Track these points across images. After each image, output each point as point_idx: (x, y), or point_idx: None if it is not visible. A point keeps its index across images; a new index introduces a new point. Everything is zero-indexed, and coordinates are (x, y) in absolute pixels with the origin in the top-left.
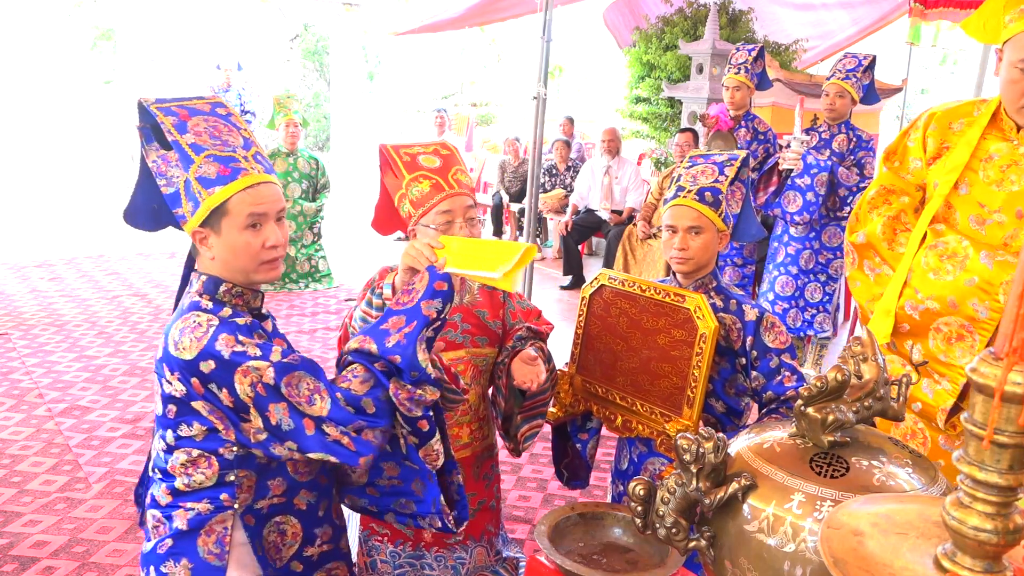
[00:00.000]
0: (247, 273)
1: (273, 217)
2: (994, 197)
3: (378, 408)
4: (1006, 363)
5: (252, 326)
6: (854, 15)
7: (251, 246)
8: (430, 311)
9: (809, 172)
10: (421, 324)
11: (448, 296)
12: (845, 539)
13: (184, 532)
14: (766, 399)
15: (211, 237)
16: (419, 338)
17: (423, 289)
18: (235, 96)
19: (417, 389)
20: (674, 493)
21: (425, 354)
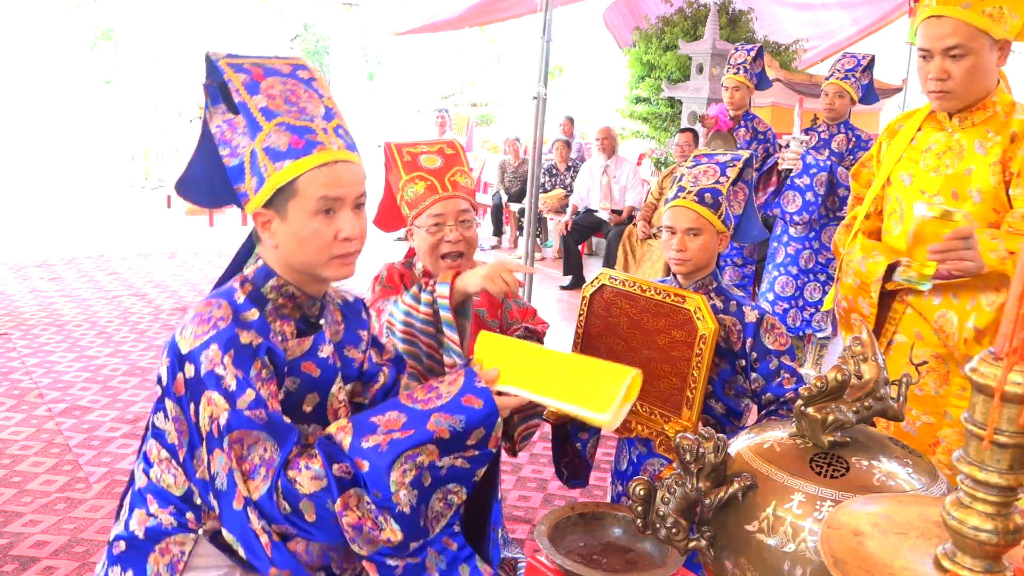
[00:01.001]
0: (313, 268)
1: (351, 203)
2: (932, 182)
3: (320, 519)
4: (1006, 363)
5: (258, 350)
6: (854, 15)
7: (321, 236)
8: (440, 429)
9: (808, 172)
10: (418, 439)
11: (480, 420)
12: (845, 539)
13: (139, 541)
14: (765, 400)
15: (275, 221)
16: (405, 455)
17: (448, 394)
18: None
19: (376, 516)
20: (674, 493)
21: (405, 484)
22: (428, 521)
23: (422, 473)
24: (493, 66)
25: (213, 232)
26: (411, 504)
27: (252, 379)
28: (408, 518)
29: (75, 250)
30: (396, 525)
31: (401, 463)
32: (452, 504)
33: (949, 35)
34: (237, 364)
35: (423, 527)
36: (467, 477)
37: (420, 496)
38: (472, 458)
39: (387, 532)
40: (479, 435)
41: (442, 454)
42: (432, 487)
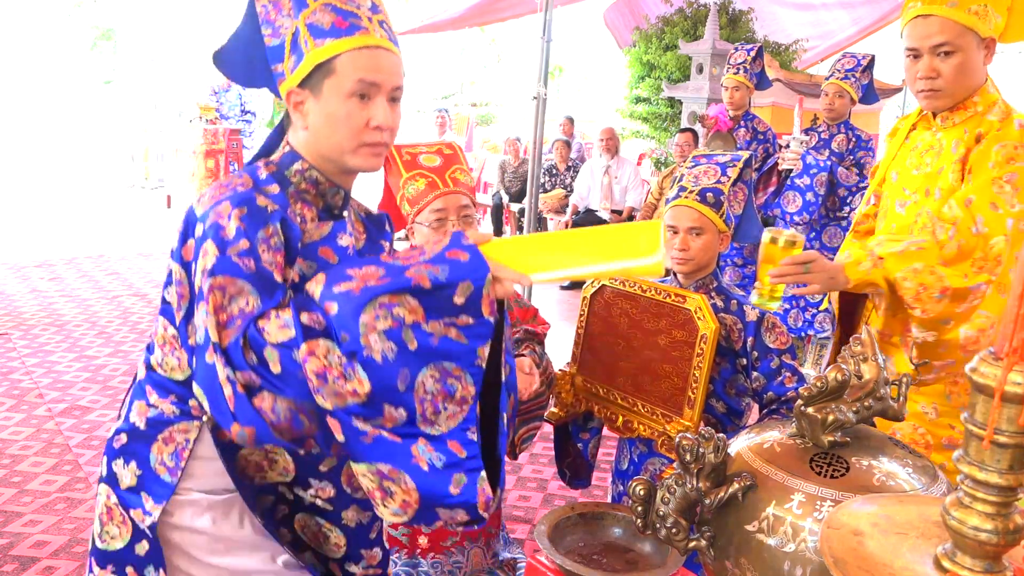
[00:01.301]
0: (342, 153)
1: (387, 93)
2: (913, 180)
3: (285, 370)
4: (1006, 363)
5: (271, 216)
6: (854, 15)
7: (353, 119)
8: (419, 276)
9: (808, 172)
10: (394, 285)
11: (466, 272)
12: (845, 539)
13: (140, 432)
14: (767, 399)
15: (308, 101)
16: (379, 301)
17: (432, 251)
18: (235, 96)
19: (344, 367)
20: (674, 493)
21: (377, 331)
22: (420, 401)
23: (402, 329)
24: (493, 66)
25: None
26: (384, 355)
27: (255, 237)
28: (379, 369)
29: (75, 250)
30: (363, 374)
31: (374, 308)
32: (454, 393)
33: (937, 33)
34: (244, 219)
35: (403, 394)
36: (467, 357)
37: (400, 355)
38: (467, 328)
39: (353, 383)
40: (467, 291)
41: (428, 315)
42: (421, 356)
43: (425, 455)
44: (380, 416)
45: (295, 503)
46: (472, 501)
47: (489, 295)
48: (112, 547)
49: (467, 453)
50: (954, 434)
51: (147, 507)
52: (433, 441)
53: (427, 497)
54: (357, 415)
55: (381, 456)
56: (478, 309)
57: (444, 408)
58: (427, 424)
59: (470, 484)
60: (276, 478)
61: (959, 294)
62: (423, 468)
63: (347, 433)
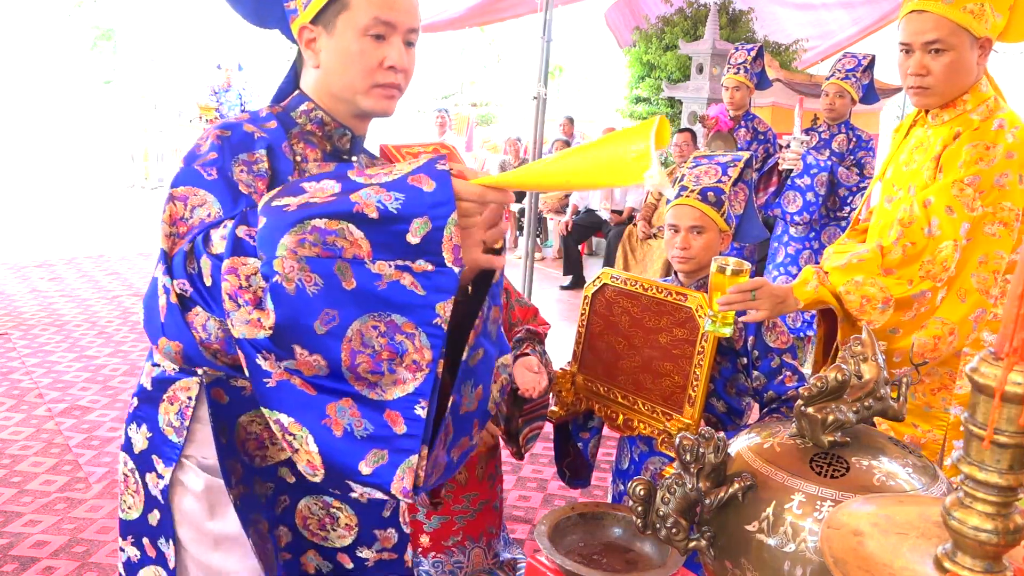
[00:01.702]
0: (355, 93)
1: (403, 34)
2: (903, 177)
3: (214, 283)
4: (1006, 363)
5: (256, 142)
6: (854, 15)
7: (367, 57)
8: (365, 203)
9: (809, 172)
10: (333, 208)
11: (423, 206)
12: (845, 539)
13: (148, 393)
14: (767, 399)
15: (321, 38)
16: (312, 224)
17: (399, 172)
18: (236, 96)
19: (259, 290)
20: (674, 493)
21: (298, 257)
22: (352, 352)
23: (334, 262)
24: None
25: None
26: (300, 287)
27: (229, 154)
28: (289, 301)
29: (75, 250)
30: (271, 303)
31: (303, 231)
32: (402, 353)
33: (930, 30)
34: (223, 139)
35: (322, 339)
36: (421, 312)
37: (326, 292)
38: (425, 277)
39: (260, 313)
40: (422, 229)
41: (376, 252)
42: (359, 300)
43: (344, 419)
44: (290, 359)
45: (297, 487)
46: (386, 485)
47: (452, 239)
48: (129, 517)
49: (406, 430)
50: (917, 433)
51: (159, 469)
52: (364, 405)
53: (331, 466)
54: (263, 351)
55: (283, 405)
56: (438, 254)
57: (390, 370)
58: (362, 384)
59: (388, 466)
60: (278, 455)
61: (902, 303)
62: (334, 433)
63: (251, 370)
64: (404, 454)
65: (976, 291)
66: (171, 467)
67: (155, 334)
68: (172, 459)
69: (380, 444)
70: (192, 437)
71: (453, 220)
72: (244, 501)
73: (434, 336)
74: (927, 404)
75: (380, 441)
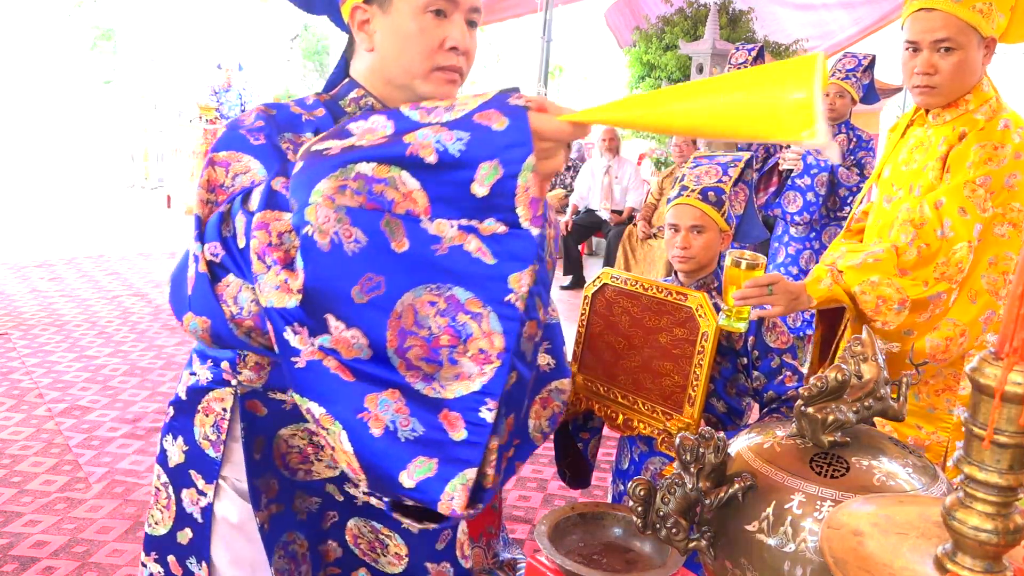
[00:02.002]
0: (412, 77)
1: (465, 11)
2: (901, 176)
3: (247, 244)
4: (1006, 363)
5: (304, 125)
6: (854, 15)
7: (427, 36)
8: (421, 144)
9: (809, 172)
10: (382, 153)
11: (494, 148)
12: (845, 539)
13: (183, 404)
14: (767, 399)
15: (376, 18)
16: (356, 171)
17: (463, 108)
18: (236, 96)
19: (291, 248)
20: (674, 493)
21: (335, 205)
22: (402, 333)
23: (381, 216)
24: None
25: None
26: (336, 242)
27: (275, 130)
28: (321, 257)
29: (75, 250)
30: (300, 260)
31: (344, 176)
32: (466, 338)
33: (939, 28)
34: (268, 116)
35: (362, 309)
36: (491, 286)
37: (369, 253)
38: (492, 239)
39: (290, 274)
40: (490, 176)
41: (435, 207)
42: (412, 266)
43: (387, 414)
44: (324, 333)
45: (346, 505)
46: (431, 503)
47: (528, 189)
48: (155, 533)
49: (466, 436)
50: (920, 435)
51: (200, 486)
52: (414, 401)
53: (370, 471)
54: (293, 323)
55: (313, 391)
56: (511, 210)
57: (450, 359)
58: (414, 374)
59: (436, 479)
60: (324, 472)
61: (918, 304)
62: (372, 430)
63: (280, 347)
64: (459, 466)
65: (986, 292)
66: (212, 483)
67: (180, 308)
68: (213, 476)
69: (429, 451)
70: (229, 457)
71: (530, 165)
72: (275, 522)
73: (507, 318)
74: (931, 405)
75: (429, 447)
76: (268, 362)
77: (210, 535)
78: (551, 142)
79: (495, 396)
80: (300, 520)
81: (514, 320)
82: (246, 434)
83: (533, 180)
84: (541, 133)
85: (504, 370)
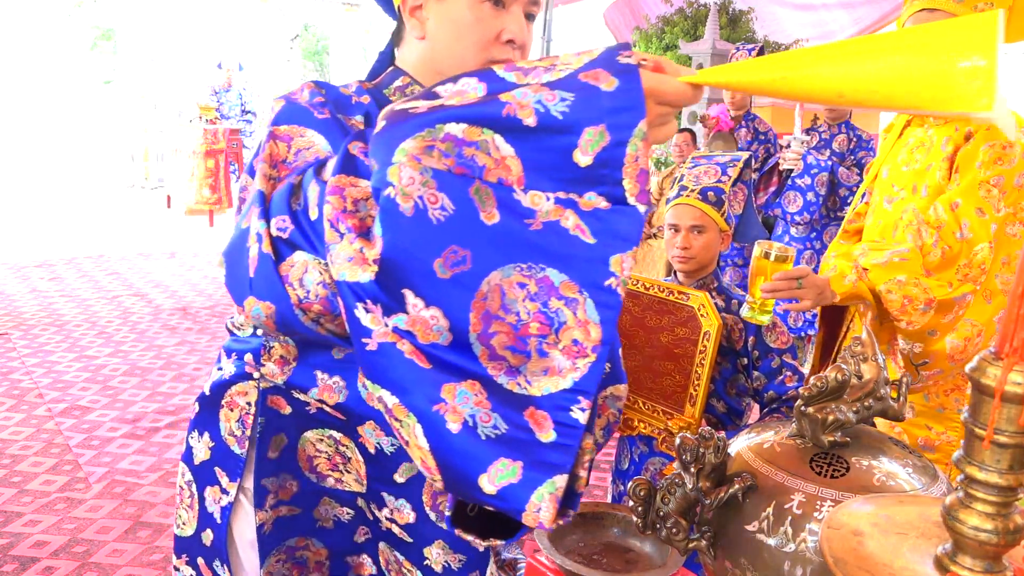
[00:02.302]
0: (463, 69)
1: (524, 4)
2: (902, 176)
3: (320, 215)
4: (1006, 363)
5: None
6: (854, 15)
7: (484, 27)
8: (519, 104)
9: (809, 172)
10: (473, 113)
11: (601, 110)
12: (845, 539)
13: (208, 399)
14: (768, 398)
15: (429, 5)
16: (446, 132)
17: (567, 67)
18: (236, 96)
19: (368, 213)
20: (674, 493)
21: (421, 167)
22: (486, 318)
23: (471, 183)
24: None
25: (213, 232)
26: (421, 208)
27: (321, 109)
28: (403, 223)
29: (75, 250)
30: (379, 227)
31: (432, 136)
32: (558, 326)
33: None
34: (321, 95)
35: (445, 284)
36: (590, 268)
37: (456, 223)
38: (593, 216)
39: (365, 243)
40: (595, 143)
41: (528, 176)
42: (503, 242)
43: (466, 407)
44: (400, 311)
45: (375, 525)
46: (516, 512)
47: (638, 159)
48: (184, 534)
49: (555, 438)
50: (930, 435)
51: (223, 484)
52: (496, 395)
53: (448, 471)
54: (366, 299)
55: (385, 378)
56: (616, 183)
57: (539, 351)
58: (497, 365)
59: (522, 486)
60: (353, 485)
61: (944, 305)
62: (449, 425)
63: (351, 327)
64: (547, 471)
65: (1000, 292)
66: (236, 481)
67: (241, 293)
68: (237, 473)
69: (513, 452)
70: (251, 465)
71: (640, 132)
72: (281, 525)
73: (606, 305)
74: (940, 405)
75: (513, 448)
76: (293, 356)
77: (227, 536)
78: (666, 107)
79: (589, 394)
80: (322, 527)
81: (613, 308)
82: (264, 430)
83: (643, 149)
84: (659, 94)
85: (599, 365)
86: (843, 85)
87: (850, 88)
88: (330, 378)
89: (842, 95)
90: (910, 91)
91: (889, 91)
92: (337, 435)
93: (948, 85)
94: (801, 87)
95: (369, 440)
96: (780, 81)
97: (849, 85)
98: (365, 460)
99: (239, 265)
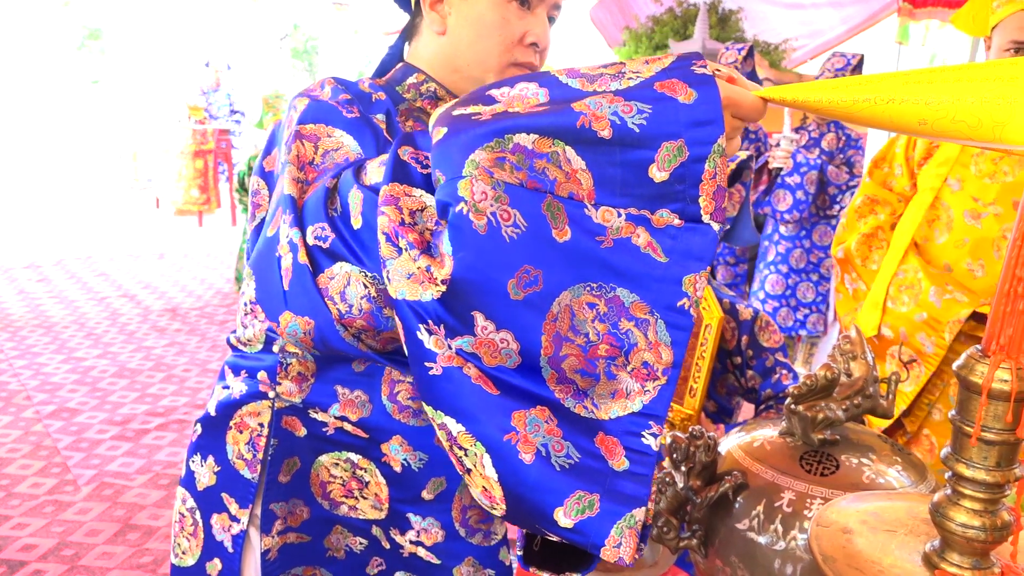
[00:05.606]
0: (485, 70)
1: (549, 7)
2: (988, 190)
3: (366, 223)
4: (992, 360)
5: (377, 105)
6: (843, 14)
7: (508, 28)
8: (593, 115)
9: (799, 170)
10: (545, 122)
11: (679, 124)
12: (834, 536)
13: (212, 420)
14: (764, 396)
15: (452, 1)
16: (514, 141)
17: (638, 75)
18: (224, 96)
19: (433, 238)
20: (665, 492)
21: (493, 183)
22: (557, 340)
23: (544, 198)
24: None
25: (202, 233)
26: (494, 225)
27: (349, 107)
28: (477, 242)
29: (63, 251)
30: (448, 244)
31: (501, 147)
32: (629, 349)
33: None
34: (342, 91)
35: (517, 307)
36: (662, 289)
37: (528, 240)
38: (665, 233)
39: (431, 261)
40: (673, 159)
41: (599, 191)
42: (573, 260)
43: (539, 436)
44: (468, 334)
45: (392, 555)
46: (595, 547)
47: (716, 176)
48: (183, 563)
49: (627, 466)
50: None
51: (232, 511)
52: (566, 421)
53: (518, 502)
54: (429, 320)
55: (450, 405)
56: (692, 200)
57: (608, 374)
58: (565, 389)
59: (600, 519)
60: (369, 512)
61: None
62: (522, 456)
63: (410, 348)
64: (625, 504)
65: None
66: (247, 508)
67: (275, 308)
68: (248, 500)
69: (589, 483)
70: (260, 489)
71: (719, 148)
72: (287, 552)
73: (677, 327)
74: None
75: (589, 479)
76: (311, 373)
77: (240, 566)
78: (739, 121)
79: (660, 419)
80: (332, 557)
81: (685, 330)
82: (275, 453)
83: (722, 165)
84: (735, 107)
85: (670, 389)
86: (927, 112)
87: (933, 115)
88: (351, 392)
89: (924, 122)
90: (996, 122)
91: (976, 120)
92: (355, 457)
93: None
94: (883, 112)
95: (395, 457)
96: (863, 103)
97: (932, 112)
98: (388, 482)
99: (270, 277)
